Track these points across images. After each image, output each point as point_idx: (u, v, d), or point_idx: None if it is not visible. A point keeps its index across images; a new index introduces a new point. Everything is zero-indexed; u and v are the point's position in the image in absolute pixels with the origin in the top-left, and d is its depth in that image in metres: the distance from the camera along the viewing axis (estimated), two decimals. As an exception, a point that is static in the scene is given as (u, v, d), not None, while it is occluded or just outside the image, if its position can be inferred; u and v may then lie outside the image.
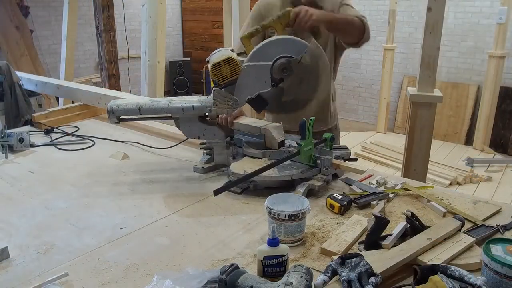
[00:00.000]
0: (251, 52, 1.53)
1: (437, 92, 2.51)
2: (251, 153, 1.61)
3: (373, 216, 1.09)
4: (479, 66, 5.42)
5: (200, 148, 1.73)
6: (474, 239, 1.10)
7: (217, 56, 1.49)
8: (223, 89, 1.52)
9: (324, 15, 1.66)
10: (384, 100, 5.79)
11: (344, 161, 1.61)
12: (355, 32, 1.77)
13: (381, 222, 1.08)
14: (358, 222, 1.23)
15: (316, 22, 1.60)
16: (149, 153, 1.91)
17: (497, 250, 0.92)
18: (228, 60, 1.45)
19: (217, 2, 7.50)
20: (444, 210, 1.29)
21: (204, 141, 1.69)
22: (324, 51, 1.62)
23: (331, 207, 1.34)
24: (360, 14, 1.82)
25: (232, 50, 1.52)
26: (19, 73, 2.86)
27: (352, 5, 1.87)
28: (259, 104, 1.59)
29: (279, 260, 1.00)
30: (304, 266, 0.93)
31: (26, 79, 2.84)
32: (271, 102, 1.63)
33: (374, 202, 1.35)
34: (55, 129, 2.18)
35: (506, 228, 1.18)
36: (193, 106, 1.57)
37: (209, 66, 1.48)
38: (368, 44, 1.92)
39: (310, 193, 1.44)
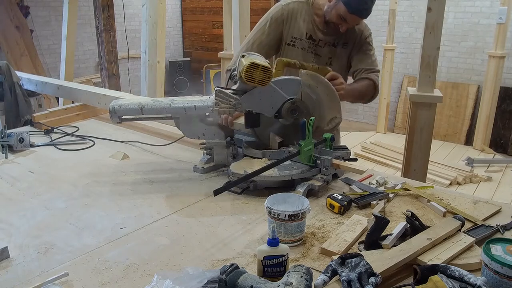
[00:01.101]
0: (281, 77, 1.57)
1: (437, 92, 2.51)
2: (251, 153, 1.61)
3: (373, 216, 1.09)
4: (479, 66, 5.42)
5: (200, 148, 1.73)
6: (474, 239, 1.10)
7: (259, 59, 1.49)
8: (229, 91, 1.52)
9: (349, 93, 1.83)
10: (384, 100, 5.79)
11: (344, 161, 1.61)
12: (366, 98, 2.01)
13: (381, 222, 1.08)
14: (358, 222, 1.23)
15: (341, 95, 1.72)
16: (149, 153, 1.91)
17: (497, 250, 0.92)
18: (267, 69, 1.45)
19: (217, 2, 7.51)
20: (444, 210, 1.29)
21: (204, 141, 1.69)
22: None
23: (331, 207, 1.34)
24: (376, 62, 1.99)
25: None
26: (19, 73, 2.86)
27: (374, 46, 2.00)
28: (252, 121, 1.58)
29: (279, 260, 1.00)
30: (304, 266, 0.93)
31: (26, 79, 2.84)
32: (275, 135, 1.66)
33: (374, 202, 1.35)
34: (55, 129, 2.18)
35: (506, 228, 1.18)
36: (195, 106, 1.56)
37: (244, 61, 1.46)
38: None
39: (310, 193, 1.44)
